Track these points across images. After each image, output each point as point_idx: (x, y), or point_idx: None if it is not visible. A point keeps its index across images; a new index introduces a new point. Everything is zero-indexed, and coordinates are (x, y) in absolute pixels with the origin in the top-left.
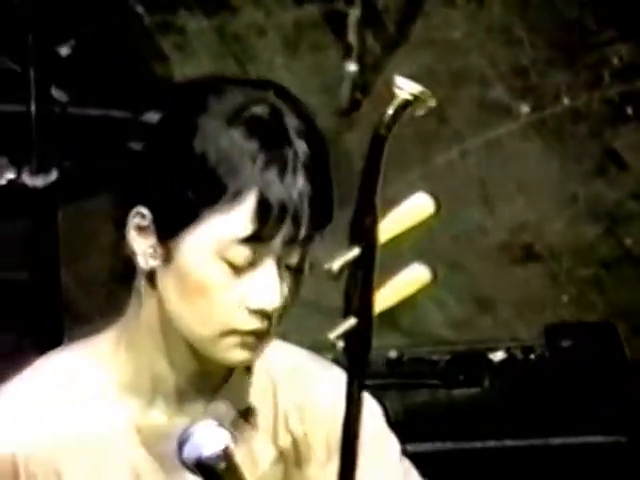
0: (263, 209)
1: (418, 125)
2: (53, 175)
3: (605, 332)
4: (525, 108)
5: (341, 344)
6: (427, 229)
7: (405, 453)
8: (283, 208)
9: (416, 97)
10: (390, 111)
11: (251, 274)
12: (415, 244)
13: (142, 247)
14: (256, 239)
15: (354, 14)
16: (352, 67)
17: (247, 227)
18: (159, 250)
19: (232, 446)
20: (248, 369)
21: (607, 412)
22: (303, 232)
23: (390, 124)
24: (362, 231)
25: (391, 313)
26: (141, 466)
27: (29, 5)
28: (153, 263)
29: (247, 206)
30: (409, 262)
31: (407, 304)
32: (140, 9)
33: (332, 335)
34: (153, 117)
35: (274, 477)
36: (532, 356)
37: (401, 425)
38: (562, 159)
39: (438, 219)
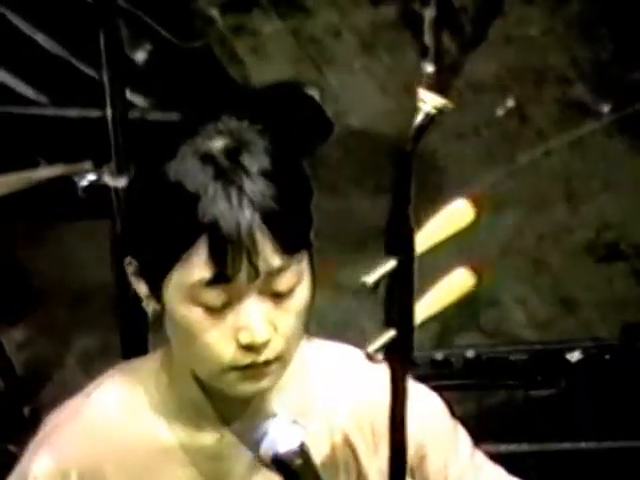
0: (215, 250)
1: (501, 125)
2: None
3: None
4: (607, 106)
5: (380, 357)
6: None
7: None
8: (234, 246)
9: (440, 110)
10: (415, 125)
11: (235, 310)
12: (499, 243)
13: (141, 292)
14: (219, 280)
15: (429, 14)
16: (429, 68)
17: (205, 271)
18: (152, 296)
19: (306, 442)
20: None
21: None
22: (272, 262)
23: (416, 138)
24: (397, 243)
25: (473, 313)
26: None
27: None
28: (153, 307)
29: (202, 249)
30: (494, 261)
31: (489, 304)
32: (214, 12)
33: (370, 348)
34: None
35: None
36: (609, 356)
37: (478, 425)
38: None
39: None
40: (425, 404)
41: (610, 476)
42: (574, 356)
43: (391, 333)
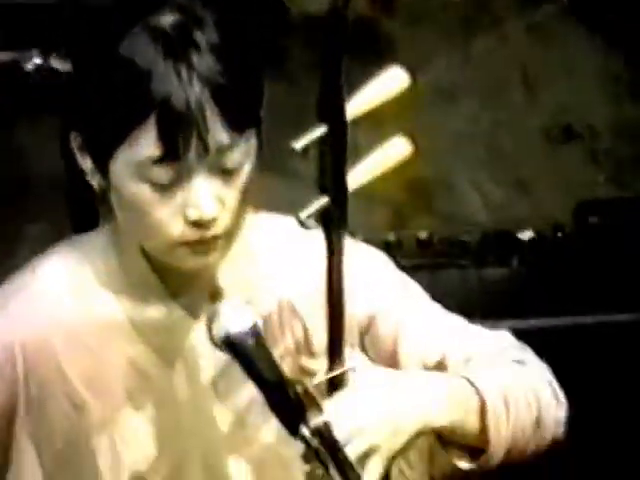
0: (164, 127)
1: (458, 11)
2: None
3: (634, 209)
4: None
5: (313, 223)
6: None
7: None
8: (184, 123)
9: None
10: None
11: (183, 187)
12: (455, 129)
13: (86, 167)
14: (168, 158)
15: None
16: None
17: (154, 148)
18: (97, 171)
19: (260, 323)
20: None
21: (634, 290)
22: (221, 139)
23: (344, 5)
24: (328, 110)
25: (428, 196)
26: (141, 360)
27: None
28: (97, 182)
29: (151, 126)
30: (447, 146)
31: (444, 188)
32: None
33: (302, 215)
34: None
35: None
36: (561, 234)
37: None
38: (604, 41)
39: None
40: (368, 260)
41: (560, 353)
42: (526, 235)
43: (324, 200)
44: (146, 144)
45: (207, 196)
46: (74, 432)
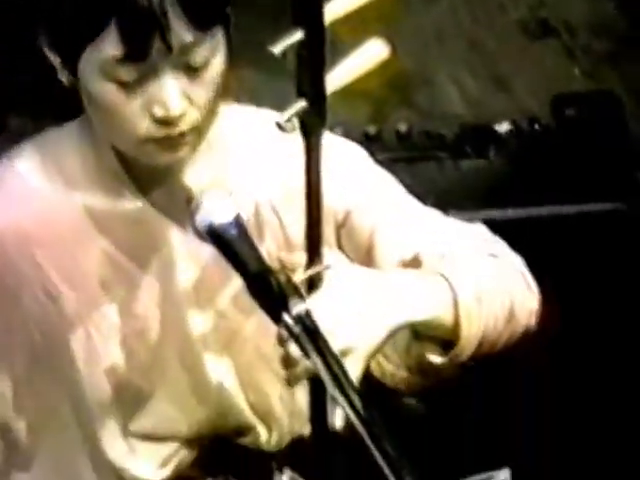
0: (127, 26)
1: None
2: None
3: (610, 102)
4: None
5: (291, 127)
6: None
7: None
8: (146, 22)
9: None
10: None
11: (149, 85)
12: (435, 25)
13: (56, 64)
14: (131, 57)
15: None
16: None
17: (118, 47)
18: (65, 69)
19: (243, 214)
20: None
21: (608, 181)
22: (184, 37)
23: None
24: (305, 13)
25: (407, 90)
26: (116, 254)
27: None
28: (67, 80)
29: (115, 25)
30: (428, 42)
31: (423, 83)
32: None
33: (281, 118)
34: None
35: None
36: (537, 127)
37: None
38: None
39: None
40: (346, 155)
41: (536, 243)
42: (503, 127)
43: (302, 103)
44: (110, 44)
45: (173, 93)
46: (49, 323)
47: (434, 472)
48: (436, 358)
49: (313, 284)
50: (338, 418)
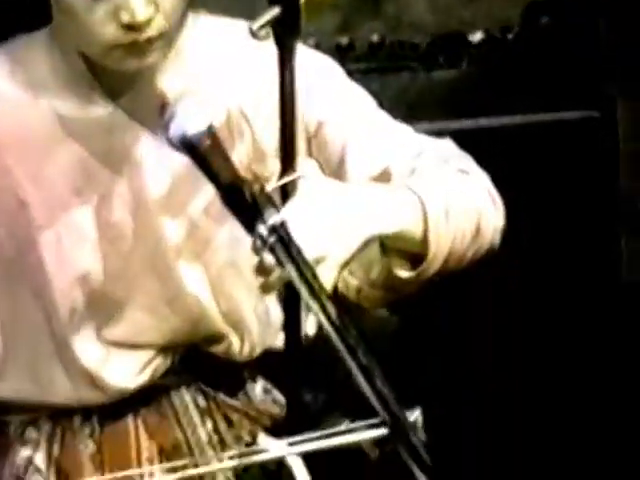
0: None
1: None
2: None
3: (583, 10)
4: None
5: (265, 34)
6: None
7: None
8: None
9: None
10: None
11: None
12: None
13: None
14: None
15: None
16: None
17: None
18: None
19: (216, 124)
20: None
21: (581, 89)
22: None
23: None
24: None
25: (376, 0)
26: (86, 159)
27: None
28: None
29: None
30: None
31: None
32: None
33: (254, 25)
34: None
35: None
36: (510, 35)
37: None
38: None
39: None
40: (318, 68)
41: (509, 152)
42: (476, 37)
43: (275, 10)
44: None
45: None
46: (19, 228)
47: (404, 383)
48: (404, 273)
49: (287, 193)
50: (310, 326)
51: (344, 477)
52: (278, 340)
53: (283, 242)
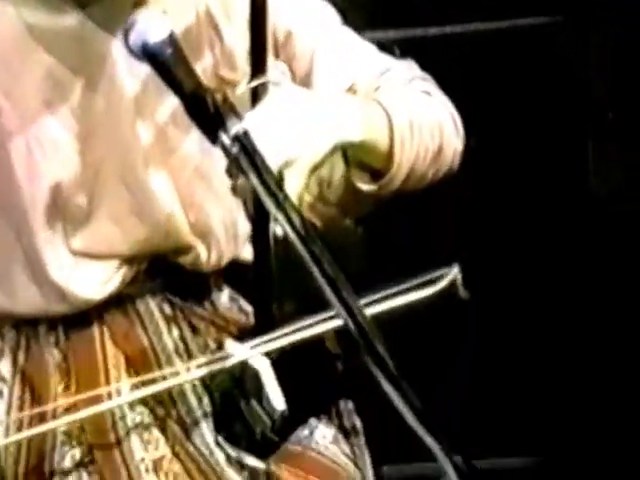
0: None
1: None
2: None
3: None
4: None
5: None
6: None
7: None
8: None
9: None
10: None
11: None
12: None
13: None
14: None
15: None
16: None
17: None
18: None
19: (176, 33)
20: None
21: None
22: None
23: None
24: None
25: None
26: (58, 70)
27: None
28: None
29: None
30: None
31: None
32: None
33: None
34: None
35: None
36: None
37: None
38: None
39: None
40: None
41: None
42: None
43: None
44: None
45: None
46: None
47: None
48: (365, 186)
49: (256, 97)
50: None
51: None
52: (245, 251)
53: (246, 151)
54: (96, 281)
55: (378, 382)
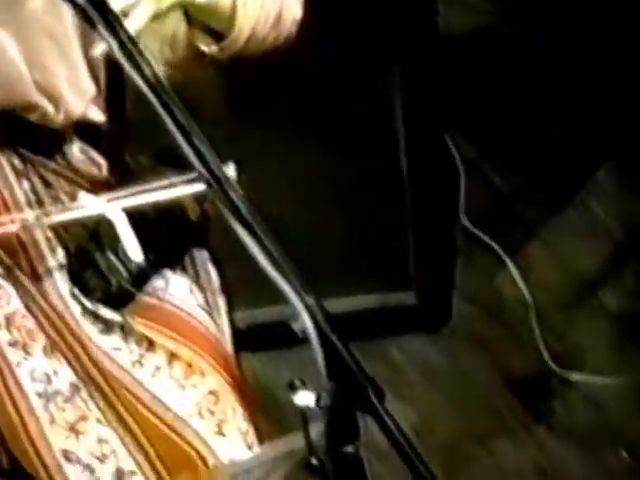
0: None
1: None
2: None
3: None
4: None
5: None
6: None
7: None
8: None
9: None
10: None
11: None
12: None
13: None
14: None
15: None
16: None
17: None
18: None
19: None
20: None
21: None
22: None
23: None
24: None
25: None
26: None
27: None
28: None
29: None
30: None
31: None
32: None
33: None
34: None
35: None
36: None
37: None
38: None
39: None
40: None
41: None
42: None
43: None
44: None
45: None
46: None
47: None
48: (207, 47)
49: None
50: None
51: None
52: (93, 111)
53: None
54: None
55: (232, 227)
